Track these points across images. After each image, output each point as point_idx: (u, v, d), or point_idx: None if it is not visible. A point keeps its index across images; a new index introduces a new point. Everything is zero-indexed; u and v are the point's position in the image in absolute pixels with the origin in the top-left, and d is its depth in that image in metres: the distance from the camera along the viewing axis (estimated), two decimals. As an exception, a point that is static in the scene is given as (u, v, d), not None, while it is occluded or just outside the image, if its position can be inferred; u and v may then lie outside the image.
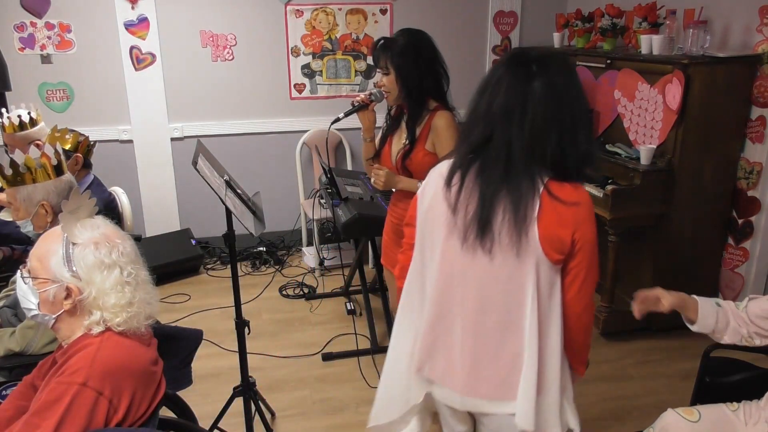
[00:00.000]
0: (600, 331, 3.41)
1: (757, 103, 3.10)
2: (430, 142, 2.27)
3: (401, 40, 2.22)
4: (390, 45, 2.22)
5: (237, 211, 2.19)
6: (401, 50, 2.20)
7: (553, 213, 1.36)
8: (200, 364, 2.37)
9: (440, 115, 2.25)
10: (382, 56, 2.24)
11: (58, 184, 2.06)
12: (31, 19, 3.95)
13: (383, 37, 2.27)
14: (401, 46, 2.21)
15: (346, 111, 2.34)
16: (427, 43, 2.25)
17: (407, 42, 2.22)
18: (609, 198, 3.12)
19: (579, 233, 1.38)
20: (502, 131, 1.38)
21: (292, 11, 4.28)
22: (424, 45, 2.24)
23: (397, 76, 2.22)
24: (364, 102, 2.33)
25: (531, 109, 1.36)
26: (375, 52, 2.27)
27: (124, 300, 1.42)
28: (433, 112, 2.27)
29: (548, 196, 1.37)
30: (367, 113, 2.35)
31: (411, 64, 2.20)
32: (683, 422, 1.76)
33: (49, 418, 1.27)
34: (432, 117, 2.26)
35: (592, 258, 1.42)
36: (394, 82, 2.24)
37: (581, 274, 1.41)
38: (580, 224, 1.38)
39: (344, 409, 2.82)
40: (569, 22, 4.04)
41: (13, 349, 2.00)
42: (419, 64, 2.20)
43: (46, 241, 1.44)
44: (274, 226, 4.48)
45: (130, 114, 4.22)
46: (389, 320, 3.33)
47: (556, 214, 1.36)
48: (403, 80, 2.22)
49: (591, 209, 1.43)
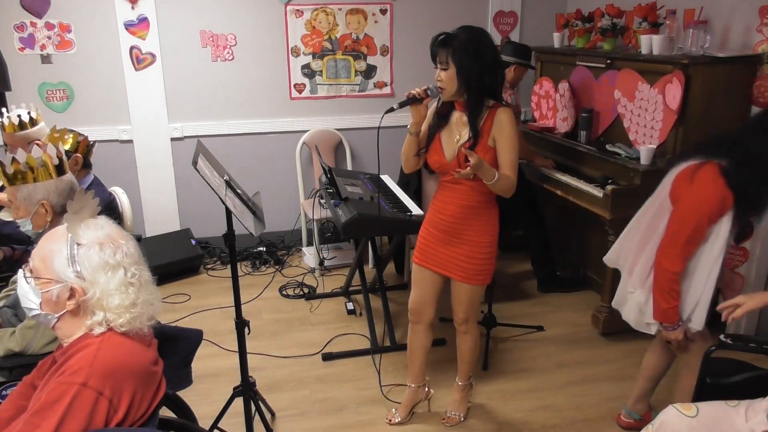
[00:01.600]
0: (600, 331, 3.42)
1: (757, 103, 3.10)
2: (491, 137, 2.28)
3: (463, 35, 2.22)
4: (451, 40, 2.21)
5: (237, 211, 2.19)
6: (464, 46, 2.19)
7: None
8: (200, 364, 2.37)
9: (503, 110, 2.28)
10: (442, 51, 2.22)
11: (58, 184, 2.06)
12: (31, 19, 3.95)
13: (443, 33, 2.25)
14: (464, 42, 2.20)
15: (401, 102, 2.30)
16: (489, 41, 2.26)
17: (469, 38, 2.21)
18: (609, 198, 3.12)
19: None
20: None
21: (292, 11, 4.28)
22: (486, 42, 2.24)
23: (458, 72, 2.21)
24: (420, 95, 2.31)
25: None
26: (434, 47, 2.25)
27: (128, 301, 1.42)
28: (493, 109, 2.29)
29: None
30: (420, 108, 2.33)
31: (472, 60, 2.20)
32: (681, 417, 1.77)
33: (49, 418, 1.27)
34: (493, 113, 2.28)
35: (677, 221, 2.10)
36: (454, 77, 2.22)
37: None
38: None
39: (344, 409, 2.82)
40: (569, 22, 4.04)
41: (13, 349, 2.00)
42: (480, 61, 2.21)
43: (50, 241, 1.44)
44: (274, 226, 4.48)
45: (130, 114, 4.22)
46: (389, 320, 3.33)
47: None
48: (463, 76, 2.21)
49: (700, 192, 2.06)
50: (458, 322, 2.59)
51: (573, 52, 3.97)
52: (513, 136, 2.28)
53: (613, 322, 3.40)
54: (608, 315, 3.39)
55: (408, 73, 4.50)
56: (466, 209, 2.38)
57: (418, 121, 2.35)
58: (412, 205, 3.15)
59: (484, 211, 2.40)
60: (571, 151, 3.73)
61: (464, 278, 2.44)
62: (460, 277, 2.45)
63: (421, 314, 2.60)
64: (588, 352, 3.28)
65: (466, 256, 2.41)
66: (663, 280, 2.16)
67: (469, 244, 2.41)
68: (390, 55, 4.50)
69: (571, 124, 3.95)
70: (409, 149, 2.41)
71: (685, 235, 2.10)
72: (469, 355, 2.65)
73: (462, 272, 2.43)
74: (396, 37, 4.47)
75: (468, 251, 2.41)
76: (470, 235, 2.40)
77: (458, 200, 2.38)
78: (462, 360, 2.68)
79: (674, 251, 2.12)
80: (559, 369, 3.13)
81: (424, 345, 2.66)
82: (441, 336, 3.31)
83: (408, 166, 2.47)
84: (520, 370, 3.12)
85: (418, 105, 2.31)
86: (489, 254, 2.44)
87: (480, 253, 2.42)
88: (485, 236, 2.41)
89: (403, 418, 2.72)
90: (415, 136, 2.38)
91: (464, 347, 2.65)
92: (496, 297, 3.66)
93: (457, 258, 2.43)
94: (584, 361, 3.20)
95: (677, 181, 2.19)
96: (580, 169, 3.60)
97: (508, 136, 2.27)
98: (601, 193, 3.19)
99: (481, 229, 2.40)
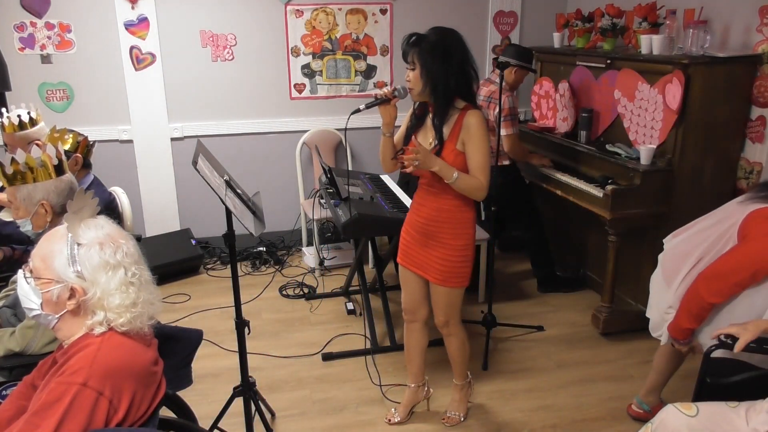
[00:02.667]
0: (600, 331, 3.42)
1: (757, 103, 3.10)
2: (460, 141, 2.26)
3: (432, 36, 2.21)
4: (420, 41, 2.21)
5: (237, 211, 2.19)
6: (430, 47, 2.19)
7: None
8: (200, 364, 2.37)
9: (472, 113, 2.24)
10: (411, 51, 2.22)
11: (58, 184, 2.06)
12: (31, 19, 3.95)
13: (414, 33, 2.24)
14: (431, 43, 2.19)
15: (368, 103, 2.31)
16: (458, 42, 2.24)
17: (438, 39, 2.20)
18: (609, 198, 3.12)
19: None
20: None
21: (292, 11, 4.28)
22: (455, 44, 2.22)
23: (423, 72, 2.21)
24: (387, 96, 2.31)
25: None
26: (405, 46, 2.25)
27: (128, 300, 1.42)
28: (463, 111, 2.26)
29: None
30: (389, 108, 2.33)
31: (439, 61, 2.19)
32: (681, 416, 1.77)
33: (49, 418, 1.27)
34: (463, 116, 2.25)
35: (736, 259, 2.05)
36: (419, 77, 2.22)
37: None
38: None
39: (344, 409, 2.82)
40: (569, 22, 4.04)
41: (13, 349, 2.00)
42: (447, 62, 2.20)
43: (50, 241, 1.43)
44: (274, 226, 4.48)
45: (130, 114, 4.22)
46: (389, 320, 3.33)
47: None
48: (428, 77, 2.21)
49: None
50: (439, 325, 2.57)
51: (573, 52, 3.97)
52: (481, 138, 2.24)
53: (613, 322, 3.41)
54: (608, 315, 3.39)
55: (408, 73, 4.50)
56: (440, 211, 2.37)
57: (388, 121, 2.35)
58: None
59: (458, 213, 2.37)
60: (571, 151, 3.73)
61: (440, 281, 2.43)
62: (435, 279, 2.44)
63: (414, 313, 2.60)
64: (588, 352, 3.28)
65: (441, 258, 2.40)
66: (695, 306, 2.12)
67: (443, 247, 2.39)
68: (390, 55, 4.50)
69: (571, 124, 3.95)
70: (384, 150, 2.42)
71: (738, 277, 2.01)
72: (458, 356, 2.64)
73: (438, 274, 2.42)
74: (396, 37, 4.47)
75: (442, 254, 2.39)
76: (445, 238, 2.38)
77: (432, 202, 2.38)
78: (453, 361, 2.67)
79: (719, 285, 2.05)
80: (559, 369, 3.13)
81: (420, 343, 2.66)
82: (440, 336, 3.31)
83: (386, 167, 2.46)
84: (520, 370, 3.12)
85: (386, 105, 2.32)
86: (464, 257, 2.41)
87: (454, 256, 2.39)
88: (459, 239, 2.38)
89: (403, 418, 2.72)
90: (388, 137, 2.39)
91: (451, 349, 2.64)
92: (496, 297, 3.66)
93: (433, 260, 2.42)
94: (584, 361, 3.20)
95: (753, 219, 2.09)
96: (580, 169, 3.60)
97: (476, 139, 2.24)
98: (601, 193, 3.19)
99: (455, 232, 2.38)
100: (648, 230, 3.34)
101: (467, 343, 2.65)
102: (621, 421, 2.72)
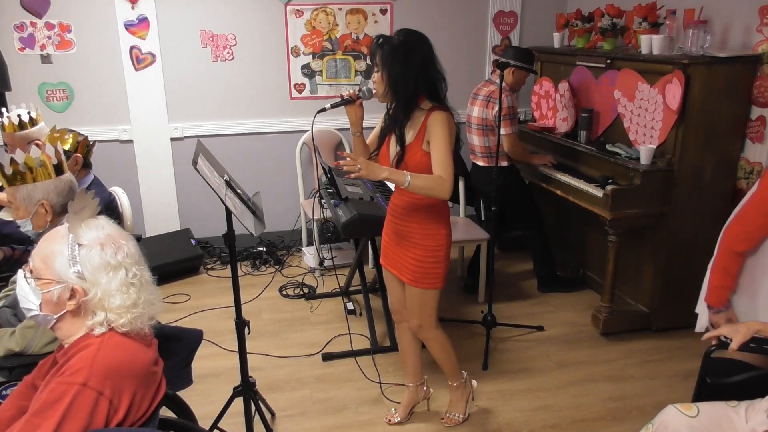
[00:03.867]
0: (600, 331, 3.42)
1: (757, 103, 3.10)
2: (425, 141, 2.26)
3: (395, 39, 2.24)
4: (384, 43, 2.24)
5: (237, 211, 2.19)
6: (391, 49, 2.22)
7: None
8: (200, 364, 2.37)
9: (436, 113, 2.25)
10: (376, 52, 2.26)
11: (58, 184, 2.06)
12: (31, 19, 3.95)
13: (382, 35, 2.28)
14: (393, 45, 2.22)
15: (333, 103, 2.36)
16: (421, 44, 2.24)
17: (400, 42, 2.22)
18: (609, 198, 3.12)
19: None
20: None
21: (292, 11, 4.28)
22: (417, 46, 2.23)
23: (384, 74, 2.24)
24: (351, 97, 2.35)
25: None
26: (372, 47, 2.29)
27: (129, 301, 1.42)
28: (429, 112, 2.26)
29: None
30: (354, 108, 2.37)
31: (399, 63, 2.20)
32: (682, 417, 1.77)
33: (50, 418, 1.27)
34: (428, 116, 2.26)
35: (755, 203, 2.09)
36: (381, 80, 2.26)
37: None
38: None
39: (344, 409, 2.82)
40: (569, 22, 4.04)
41: (13, 349, 2.00)
42: (408, 65, 2.21)
43: (50, 241, 1.43)
44: (274, 226, 4.48)
45: (130, 114, 4.22)
46: (389, 320, 3.34)
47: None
48: (389, 78, 2.23)
49: None
50: (413, 329, 2.55)
51: (573, 52, 3.97)
52: (443, 136, 2.22)
53: (613, 322, 3.41)
54: (608, 315, 3.39)
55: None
56: (410, 212, 2.37)
57: (354, 121, 2.39)
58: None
59: (429, 214, 2.36)
60: (571, 151, 3.73)
61: (412, 281, 2.42)
62: (408, 279, 2.44)
63: (401, 313, 2.61)
64: (588, 352, 3.28)
65: (413, 258, 2.40)
66: (723, 257, 2.19)
67: (415, 247, 2.39)
68: (390, 55, 4.49)
69: (571, 124, 3.95)
70: (355, 149, 2.46)
71: (761, 219, 2.08)
72: (442, 358, 2.61)
73: (410, 275, 2.42)
74: (396, 37, 4.47)
75: (415, 254, 2.39)
76: (416, 238, 2.38)
77: (403, 202, 2.38)
78: (439, 363, 2.65)
79: (743, 228, 2.12)
80: (559, 369, 3.13)
81: (411, 343, 2.66)
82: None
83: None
84: (520, 370, 3.12)
85: (351, 106, 2.36)
86: (435, 258, 2.39)
87: (426, 257, 2.38)
88: (430, 240, 2.37)
89: (402, 418, 2.72)
90: (358, 136, 2.43)
91: (433, 354, 2.61)
92: (496, 297, 3.66)
93: (406, 260, 2.42)
94: (584, 361, 3.20)
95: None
96: (580, 169, 3.60)
97: (437, 136, 2.22)
98: (601, 193, 3.19)
99: (426, 233, 2.37)
100: (648, 230, 3.34)
101: (448, 344, 2.60)
102: (621, 421, 2.72)
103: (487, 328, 3.20)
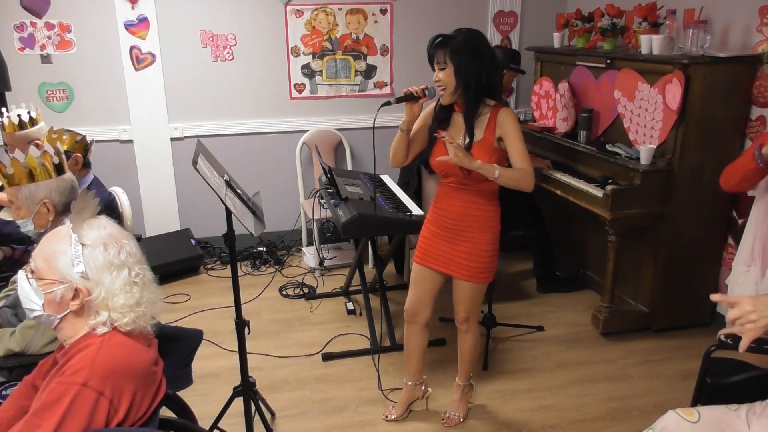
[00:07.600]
0: (600, 331, 3.42)
1: (757, 103, 3.10)
2: (496, 138, 2.31)
3: (461, 36, 2.25)
4: (449, 41, 2.24)
5: (237, 211, 2.19)
6: (462, 45, 2.22)
7: None
8: (200, 364, 2.37)
9: (504, 110, 2.31)
10: (440, 51, 2.25)
11: (60, 183, 2.06)
12: (31, 19, 3.95)
13: (440, 34, 2.27)
14: (462, 41, 2.23)
15: (398, 97, 2.34)
16: (486, 42, 2.29)
17: (467, 38, 2.24)
18: (609, 198, 3.11)
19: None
20: None
21: (292, 11, 4.28)
22: (484, 43, 2.27)
23: (456, 70, 2.23)
24: (417, 93, 2.33)
25: None
26: (430, 49, 2.28)
27: (132, 300, 1.42)
28: (495, 108, 2.31)
29: None
30: (415, 106, 2.36)
31: (470, 59, 2.22)
32: (683, 423, 1.76)
33: (50, 418, 1.27)
34: (496, 113, 2.30)
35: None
36: (452, 75, 2.24)
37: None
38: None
39: (344, 409, 2.82)
40: (569, 22, 4.04)
41: (13, 349, 1.99)
42: (479, 59, 2.23)
43: (52, 241, 1.43)
44: (274, 226, 4.48)
45: (130, 114, 4.22)
46: (389, 320, 3.34)
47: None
48: (461, 75, 2.23)
49: None
50: (459, 320, 2.59)
51: (573, 52, 3.97)
52: (518, 130, 2.31)
53: (613, 322, 3.41)
54: (608, 315, 3.39)
55: (408, 73, 4.50)
56: (469, 208, 2.40)
57: (411, 119, 2.38)
58: (412, 205, 3.15)
59: (487, 208, 2.42)
60: (571, 151, 3.73)
61: (466, 276, 2.45)
62: (462, 275, 2.45)
63: (417, 315, 2.60)
64: (588, 352, 3.28)
65: (468, 253, 2.42)
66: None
67: (471, 242, 2.42)
68: (390, 55, 4.50)
69: (571, 124, 3.95)
70: (399, 146, 2.44)
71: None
72: (470, 354, 2.66)
73: (464, 270, 2.44)
74: (396, 37, 4.47)
75: (470, 249, 2.42)
76: (472, 233, 2.41)
77: (462, 200, 2.40)
78: (462, 359, 2.68)
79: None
80: (559, 369, 3.13)
81: (420, 345, 2.67)
82: (441, 336, 3.31)
83: (395, 162, 2.48)
84: (520, 370, 3.12)
85: (413, 103, 2.34)
86: (491, 252, 2.45)
87: (482, 251, 2.43)
88: (487, 234, 2.42)
89: (399, 415, 2.72)
90: (406, 133, 2.41)
91: (465, 346, 2.65)
92: (496, 297, 3.66)
93: (459, 256, 2.43)
94: (584, 361, 3.20)
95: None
96: (580, 169, 3.60)
97: (513, 131, 2.30)
98: (601, 193, 3.19)
99: (483, 227, 2.42)
100: (648, 230, 3.34)
101: (480, 342, 2.67)
102: (621, 421, 2.72)
103: (487, 328, 3.20)
